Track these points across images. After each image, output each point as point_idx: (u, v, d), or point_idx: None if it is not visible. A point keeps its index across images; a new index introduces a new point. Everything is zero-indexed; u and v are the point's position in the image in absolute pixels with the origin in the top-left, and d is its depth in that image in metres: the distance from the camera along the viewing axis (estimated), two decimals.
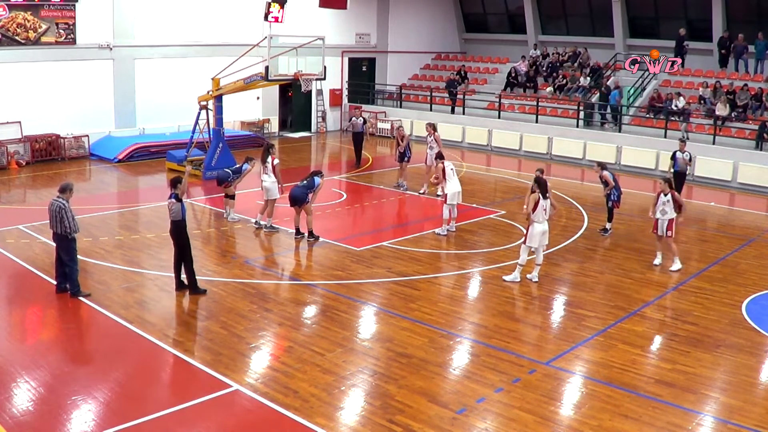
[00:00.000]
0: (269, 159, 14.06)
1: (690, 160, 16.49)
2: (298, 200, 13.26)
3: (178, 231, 10.44)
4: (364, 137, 22.10)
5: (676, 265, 12.41)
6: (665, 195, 12.31)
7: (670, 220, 12.32)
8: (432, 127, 17.80)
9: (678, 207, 12.38)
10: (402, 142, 18.13)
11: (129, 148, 21.38)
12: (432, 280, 11.75)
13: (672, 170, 16.63)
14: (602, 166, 14.50)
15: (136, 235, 13.84)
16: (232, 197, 14.83)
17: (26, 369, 8.18)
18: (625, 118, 23.93)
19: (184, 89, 22.47)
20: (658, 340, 9.69)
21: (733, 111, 21.90)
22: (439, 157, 14.50)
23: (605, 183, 14.25)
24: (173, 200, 10.32)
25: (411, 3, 31.09)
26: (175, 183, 10.45)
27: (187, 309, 10.29)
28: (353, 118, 22.05)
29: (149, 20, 22.84)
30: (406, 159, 18.26)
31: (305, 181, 13.37)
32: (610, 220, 14.63)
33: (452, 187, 14.04)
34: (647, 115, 23.70)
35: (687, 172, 16.64)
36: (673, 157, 16.81)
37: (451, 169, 14.25)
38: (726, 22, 24.80)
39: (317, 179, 13.45)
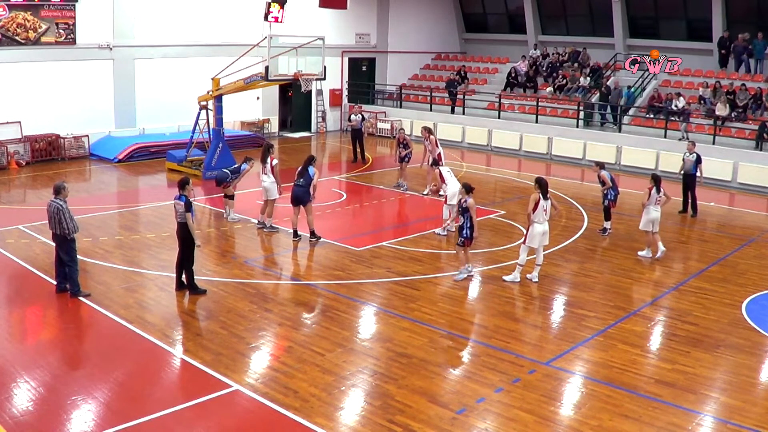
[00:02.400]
0: (268, 159, 14.06)
1: (697, 161, 16.21)
2: (301, 200, 13.25)
3: (188, 232, 10.42)
4: (364, 133, 22.30)
5: (647, 252, 13.19)
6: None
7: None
8: (427, 131, 17.76)
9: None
10: (403, 147, 18.12)
11: (129, 148, 21.38)
12: (432, 280, 11.75)
13: (681, 172, 16.57)
14: (601, 165, 14.58)
15: (136, 235, 13.84)
16: (232, 197, 14.83)
17: (26, 369, 8.18)
18: (625, 118, 23.93)
19: (184, 89, 22.48)
20: (658, 340, 9.70)
21: (733, 111, 21.90)
22: (435, 164, 14.69)
23: (602, 182, 14.31)
24: (182, 201, 10.31)
25: (411, 3, 31.09)
26: (183, 184, 10.44)
27: (187, 309, 10.29)
28: (352, 116, 22.12)
29: (149, 20, 22.84)
30: (406, 159, 18.29)
31: (302, 180, 13.32)
32: (608, 219, 14.65)
33: (452, 187, 14.10)
34: (647, 115, 23.69)
35: (696, 174, 16.32)
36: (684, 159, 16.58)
37: (448, 171, 14.35)
38: (726, 22, 24.80)
39: (311, 169, 13.37)
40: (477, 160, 23.73)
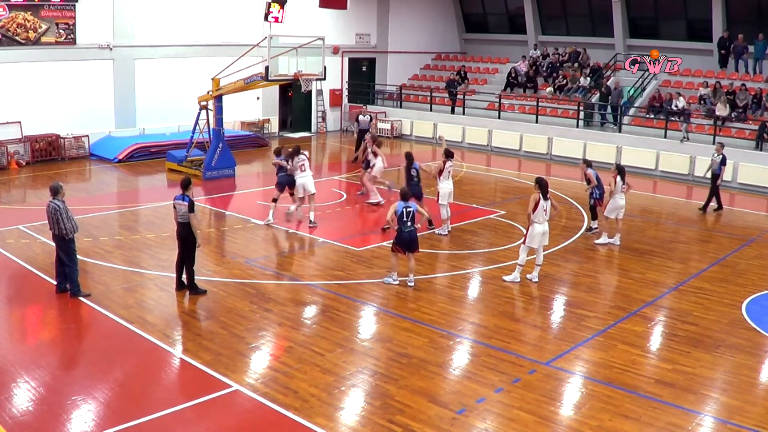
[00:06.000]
0: (304, 156, 14.37)
1: (722, 162, 16.72)
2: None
3: (189, 232, 10.42)
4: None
5: (603, 239, 13.83)
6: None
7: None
8: (372, 139, 17.21)
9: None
10: (371, 150, 16.97)
11: (129, 148, 21.38)
12: (432, 280, 11.75)
13: (708, 172, 17.15)
14: (587, 163, 14.61)
15: (136, 235, 13.84)
16: (292, 194, 14.78)
17: (26, 369, 8.18)
18: (625, 118, 23.93)
19: (184, 89, 22.47)
20: (658, 340, 9.70)
21: (733, 111, 21.90)
22: (448, 155, 14.22)
23: (588, 180, 14.33)
24: (185, 202, 10.30)
25: (411, 3, 31.09)
26: (186, 185, 10.43)
27: (187, 309, 10.29)
28: (359, 116, 22.05)
29: (149, 20, 22.84)
30: (371, 165, 16.96)
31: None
32: (594, 218, 14.67)
33: (445, 186, 14.07)
34: (647, 115, 23.69)
35: (719, 174, 16.81)
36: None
37: (448, 171, 14.22)
38: (726, 22, 24.80)
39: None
40: (477, 160, 23.73)
